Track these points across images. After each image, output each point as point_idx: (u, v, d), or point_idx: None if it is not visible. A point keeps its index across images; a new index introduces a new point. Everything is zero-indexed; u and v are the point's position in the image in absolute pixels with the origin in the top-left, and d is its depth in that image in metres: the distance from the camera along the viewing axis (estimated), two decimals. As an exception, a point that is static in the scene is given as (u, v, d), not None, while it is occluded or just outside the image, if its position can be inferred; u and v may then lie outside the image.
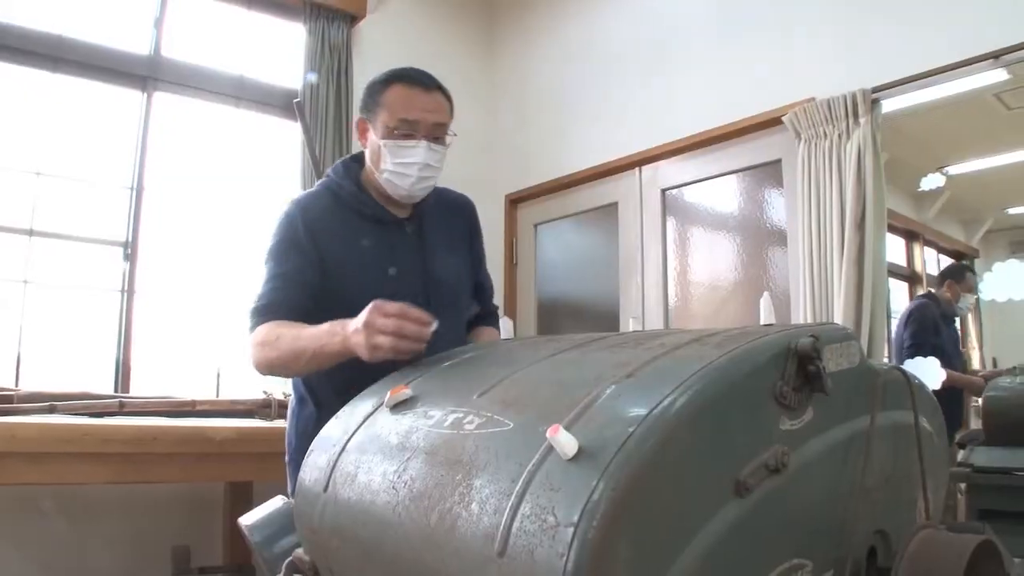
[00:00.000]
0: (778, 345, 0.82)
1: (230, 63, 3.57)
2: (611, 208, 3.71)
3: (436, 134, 1.55)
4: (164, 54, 3.37)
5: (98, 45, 3.19)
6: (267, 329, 1.45)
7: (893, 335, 3.29)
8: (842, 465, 0.90)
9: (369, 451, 0.97)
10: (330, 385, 1.49)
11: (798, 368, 0.82)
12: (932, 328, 3.11)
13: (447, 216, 1.70)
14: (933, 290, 3.31)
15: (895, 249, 3.32)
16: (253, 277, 1.60)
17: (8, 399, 2.24)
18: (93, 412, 2.29)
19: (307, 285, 1.51)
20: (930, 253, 3.65)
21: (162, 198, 3.34)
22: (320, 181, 1.67)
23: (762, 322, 0.94)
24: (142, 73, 3.30)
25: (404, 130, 1.52)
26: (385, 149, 1.53)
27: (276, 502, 1.34)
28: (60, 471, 1.95)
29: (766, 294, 0.94)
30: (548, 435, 0.70)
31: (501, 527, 0.70)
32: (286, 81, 3.68)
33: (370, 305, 1.24)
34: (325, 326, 1.34)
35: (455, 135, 1.60)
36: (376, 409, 1.04)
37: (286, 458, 1.60)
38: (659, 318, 3.39)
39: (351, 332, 1.25)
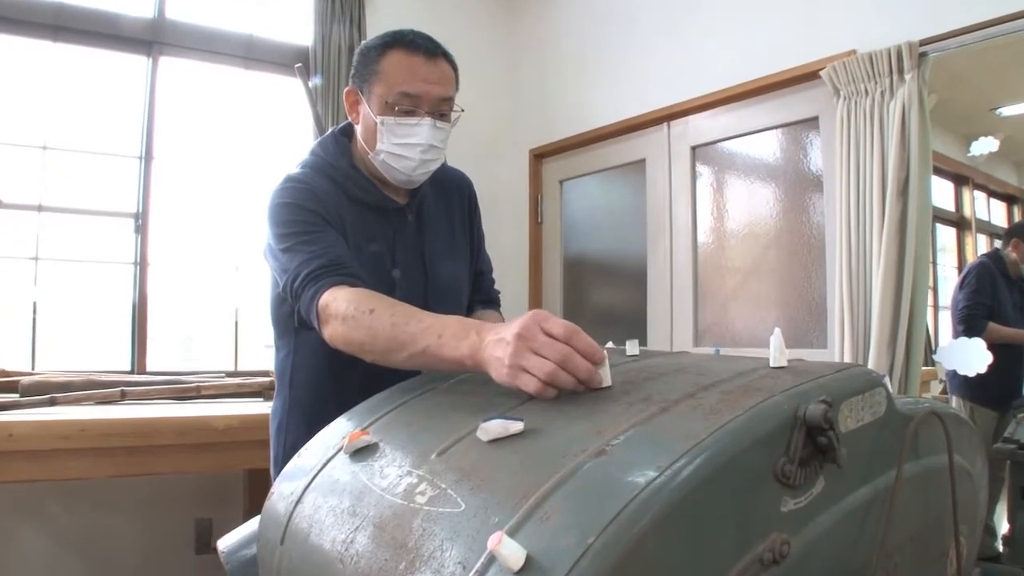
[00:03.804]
0: (782, 414, 0.68)
1: (238, 22, 3.43)
2: (639, 164, 3.54)
3: (441, 110, 1.34)
4: (169, 16, 3.25)
5: (100, 10, 3.07)
6: (352, 296, 1.11)
7: (951, 294, 3.09)
8: (858, 534, 0.77)
9: (322, 508, 0.87)
10: (332, 401, 1.16)
11: (807, 438, 0.69)
12: (990, 290, 2.91)
13: (445, 198, 1.52)
14: (999, 248, 3.09)
15: (942, 192, 3.12)
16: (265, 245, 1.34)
17: (13, 387, 2.20)
18: (96, 401, 2.24)
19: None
20: (980, 196, 3.44)
21: (172, 167, 3.26)
22: (304, 160, 1.41)
23: (772, 363, 0.82)
24: (146, 38, 3.18)
25: (405, 105, 1.31)
26: (383, 127, 1.31)
27: (253, 524, 1.27)
28: (60, 467, 1.91)
29: (777, 331, 0.81)
30: (490, 546, 0.59)
31: (439, 646, 0.60)
32: (297, 38, 3.52)
33: (530, 314, 0.87)
34: (452, 320, 1.01)
35: (462, 111, 1.39)
36: (336, 453, 0.94)
37: (272, 471, 1.45)
38: (688, 280, 3.25)
39: (491, 341, 0.90)
